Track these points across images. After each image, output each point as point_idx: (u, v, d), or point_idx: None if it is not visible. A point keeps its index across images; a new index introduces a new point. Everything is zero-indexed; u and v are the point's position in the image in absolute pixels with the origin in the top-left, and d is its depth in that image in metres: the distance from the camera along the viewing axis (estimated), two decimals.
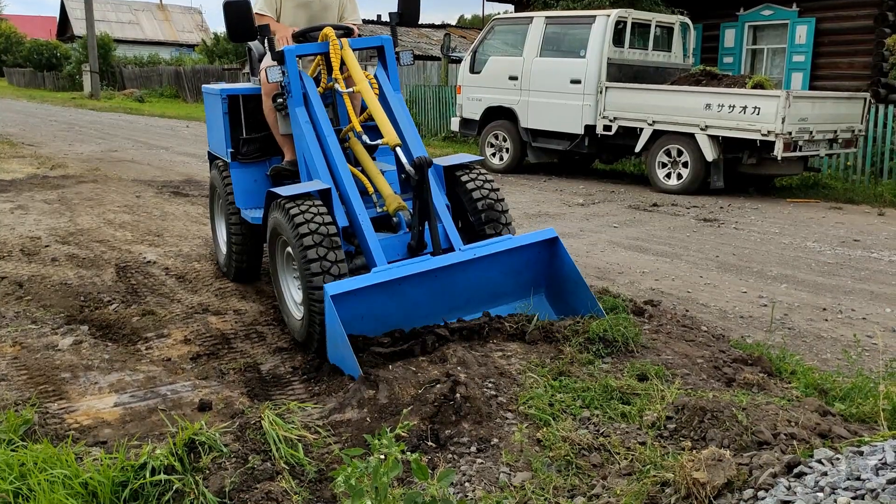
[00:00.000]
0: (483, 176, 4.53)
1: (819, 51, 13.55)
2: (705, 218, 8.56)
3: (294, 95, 4.43)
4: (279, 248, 4.35)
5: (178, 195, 9.77)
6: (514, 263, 4.16)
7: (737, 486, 2.21)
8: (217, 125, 5.31)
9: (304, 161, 4.49)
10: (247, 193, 5.16)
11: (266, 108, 4.89)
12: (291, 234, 3.90)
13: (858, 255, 6.85)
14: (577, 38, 11.29)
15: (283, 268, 4.44)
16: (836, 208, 9.47)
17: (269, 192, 4.21)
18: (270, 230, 4.30)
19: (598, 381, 3.34)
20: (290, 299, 4.42)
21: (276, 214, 4.13)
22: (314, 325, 3.93)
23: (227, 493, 2.63)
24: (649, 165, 10.82)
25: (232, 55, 36.17)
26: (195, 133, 18.82)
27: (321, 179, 4.25)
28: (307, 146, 4.37)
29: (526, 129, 11.89)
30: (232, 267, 5.53)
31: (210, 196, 5.99)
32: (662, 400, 3.05)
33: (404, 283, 3.80)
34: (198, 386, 3.91)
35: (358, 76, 4.33)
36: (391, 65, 4.67)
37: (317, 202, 4.00)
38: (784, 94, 9.36)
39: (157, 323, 4.86)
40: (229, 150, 5.14)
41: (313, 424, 3.22)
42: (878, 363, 3.88)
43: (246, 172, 5.18)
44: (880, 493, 1.75)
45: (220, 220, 5.80)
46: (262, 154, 5.20)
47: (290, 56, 4.39)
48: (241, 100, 5.14)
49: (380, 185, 4.40)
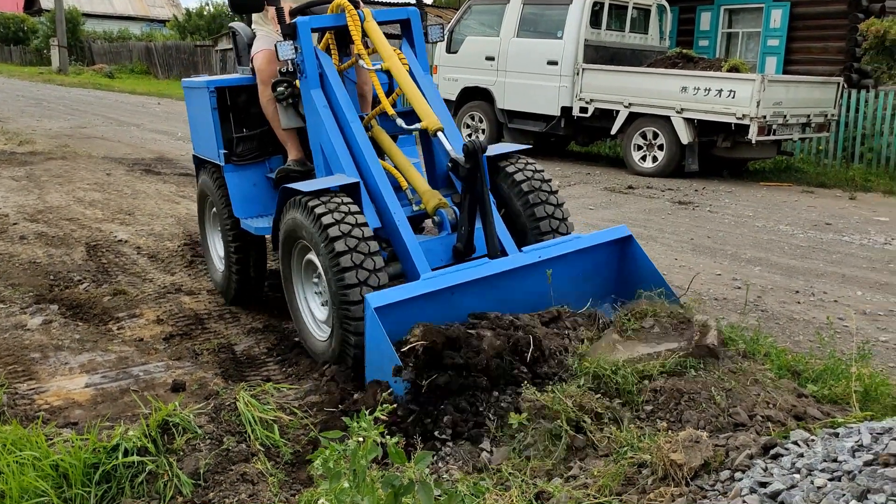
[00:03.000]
0: (531, 166, 3.95)
1: (793, 35, 13.63)
2: (680, 201, 8.61)
3: (309, 76, 3.80)
4: (296, 255, 3.73)
5: (149, 173, 9.61)
6: (584, 267, 3.58)
7: (713, 468, 2.22)
8: (204, 124, 4.53)
9: (323, 153, 3.84)
10: (246, 200, 4.41)
11: (264, 98, 4.22)
12: (319, 237, 3.29)
13: (830, 238, 6.94)
14: (554, 19, 11.23)
15: (300, 279, 3.80)
16: (808, 192, 9.58)
17: (285, 189, 3.61)
18: (285, 234, 3.64)
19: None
20: (308, 317, 3.79)
21: (294, 215, 3.49)
22: (347, 345, 3.29)
23: (202, 474, 2.59)
24: (625, 148, 10.84)
25: (204, 31, 35.50)
26: (167, 110, 18.50)
27: (346, 173, 3.65)
28: (326, 135, 3.74)
29: (502, 110, 11.84)
30: (232, 287, 4.68)
31: (199, 206, 5.13)
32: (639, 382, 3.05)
33: (457, 292, 3.20)
34: (171, 366, 3.85)
35: (386, 51, 3.74)
36: (419, 41, 4.06)
37: (346, 199, 3.41)
38: (759, 77, 9.41)
39: (129, 303, 4.78)
40: (222, 152, 4.39)
41: (289, 406, 3.19)
42: (851, 345, 3.93)
43: (243, 176, 4.43)
44: (857, 475, 1.77)
45: (215, 233, 4.99)
46: (259, 154, 4.50)
47: (305, 29, 3.76)
48: (232, 92, 4.44)
49: (414, 179, 3.83)
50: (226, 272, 4.73)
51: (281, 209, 3.69)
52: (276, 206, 3.73)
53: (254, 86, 4.31)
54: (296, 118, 4.19)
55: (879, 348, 4.20)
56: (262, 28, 4.38)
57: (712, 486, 2.11)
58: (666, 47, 12.15)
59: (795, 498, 1.78)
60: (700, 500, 2.07)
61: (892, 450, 1.78)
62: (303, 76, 3.85)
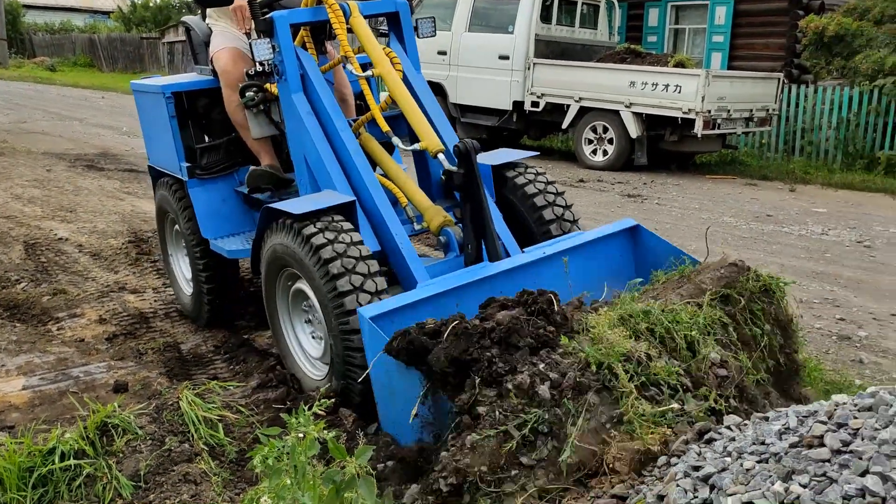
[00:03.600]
0: (542, 176, 3.65)
1: (737, 32, 13.94)
2: (629, 194, 8.76)
3: (290, 78, 3.34)
4: (281, 283, 3.31)
5: (92, 169, 9.37)
6: (593, 259, 3.30)
7: (653, 455, 2.27)
8: (160, 132, 4.06)
9: (308, 166, 3.40)
10: (215, 219, 3.97)
11: (231, 105, 3.76)
12: (314, 267, 2.90)
13: (771, 229, 7.14)
14: (505, 14, 11.29)
15: (289, 311, 3.37)
16: (751, 184, 9.83)
17: (268, 210, 3.17)
18: (270, 260, 3.22)
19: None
20: (298, 354, 3.38)
21: (280, 239, 3.09)
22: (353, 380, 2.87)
23: (143, 476, 2.55)
24: (576, 142, 10.97)
25: (150, 23, 34.70)
26: (111, 104, 18.05)
27: (336, 189, 3.22)
28: (312, 146, 3.31)
29: (455, 104, 11.86)
30: (204, 311, 4.26)
31: (159, 223, 4.65)
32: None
33: (458, 296, 2.89)
34: (113, 367, 3.78)
35: (377, 54, 3.34)
36: (409, 37, 3.68)
37: (343, 222, 3.02)
38: (704, 73, 9.62)
39: (70, 302, 4.67)
40: (184, 165, 3.94)
41: (235, 404, 3.16)
42: None
43: (210, 191, 3.97)
44: (783, 457, 1.83)
45: (179, 253, 4.55)
46: (227, 165, 4.04)
47: (283, 25, 3.31)
48: (191, 97, 4.00)
49: (413, 194, 3.38)
50: (195, 296, 4.29)
51: (262, 231, 3.25)
52: (258, 228, 3.28)
53: (217, 89, 3.87)
54: (268, 126, 3.80)
55: (814, 335, 4.35)
56: (218, 23, 3.96)
57: (650, 472, 2.17)
58: (615, 43, 12.33)
59: (725, 480, 1.84)
60: (638, 485, 2.11)
61: (816, 432, 1.85)
62: (282, 79, 3.38)
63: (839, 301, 4.99)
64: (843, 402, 2.02)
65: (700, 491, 1.91)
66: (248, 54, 3.66)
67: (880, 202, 8.78)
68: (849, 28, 11.12)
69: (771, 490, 1.74)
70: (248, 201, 4.02)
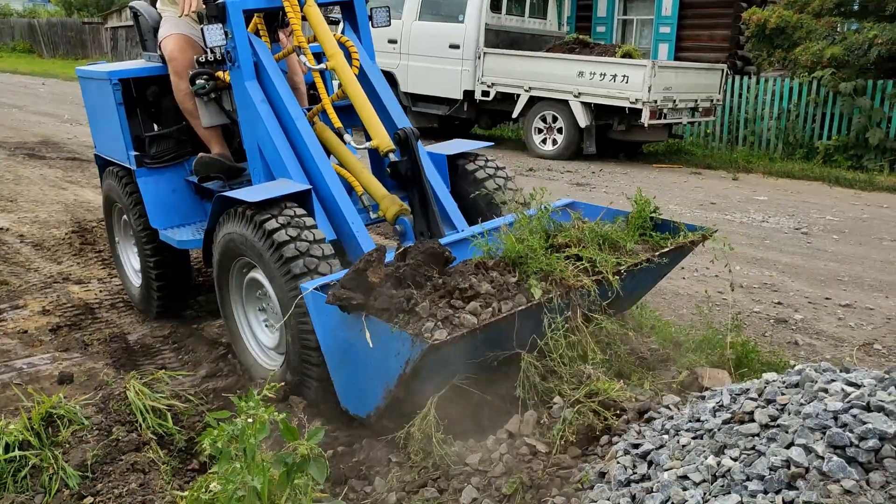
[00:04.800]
0: (492, 162, 3.76)
1: (683, 23, 14.22)
2: (578, 182, 8.89)
3: (243, 65, 3.31)
4: (235, 273, 3.31)
5: (33, 157, 9.10)
6: None
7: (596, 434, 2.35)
8: (107, 120, 4.01)
9: (261, 154, 3.39)
10: (165, 208, 3.91)
11: (180, 93, 3.72)
12: (265, 249, 2.90)
13: (714, 217, 7.34)
14: (455, 3, 11.30)
15: (242, 300, 3.37)
16: (696, 173, 10.07)
17: (221, 198, 3.15)
18: (223, 249, 3.20)
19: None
20: (251, 342, 3.38)
21: (234, 228, 3.07)
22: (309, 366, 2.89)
23: (90, 466, 2.54)
24: (526, 131, 11.07)
25: (93, 8, 33.65)
26: (52, 91, 17.51)
27: (292, 178, 3.22)
28: (266, 134, 3.29)
29: (406, 93, 11.85)
30: (153, 303, 4.21)
31: (106, 213, 4.58)
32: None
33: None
34: (58, 358, 3.72)
35: (331, 46, 3.33)
36: (363, 26, 3.69)
37: (298, 210, 3.02)
38: (650, 63, 9.79)
39: (12, 294, 4.56)
40: (132, 154, 3.89)
41: (184, 393, 3.15)
42: (727, 316, 4.20)
43: (159, 181, 3.92)
44: (716, 433, 1.92)
45: (127, 244, 4.51)
46: (177, 154, 3.99)
47: (236, 11, 3.27)
48: (140, 84, 3.93)
49: (368, 183, 3.40)
50: (144, 288, 4.24)
51: (215, 221, 3.24)
52: (210, 217, 3.26)
53: (166, 76, 3.81)
54: (219, 115, 3.79)
55: (753, 318, 4.51)
56: (167, 9, 3.90)
57: (592, 451, 2.25)
58: (564, 33, 12.46)
59: (662, 456, 1.92)
60: (581, 464, 2.19)
61: (747, 408, 1.95)
62: (234, 66, 3.34)
63: (777, 286, 5.18)
64: (772, 380, 2.13)
65: (639, 467, 1.99)
66: (199, 41, 3.62)
67: (818, 190, 9.10)
68: (789, 20, 11.43)
69: (704, 464, 1.83)
70: (198, 191, 3.97)
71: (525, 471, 2.29)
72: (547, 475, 2.23)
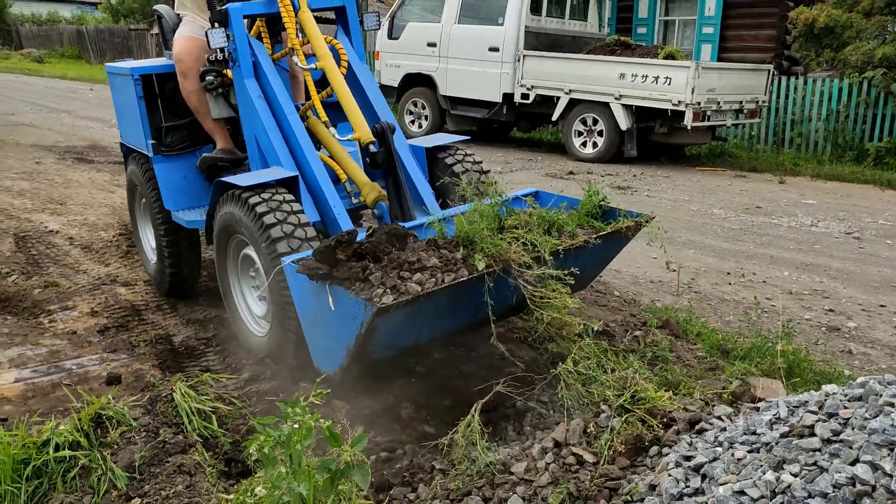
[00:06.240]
0: (466, 154, 4.05)
1: (727, 23, 13.96)
2: (619, 186, 8.78)
3: (242, 65, 3.69)
4: (232, 249, 3.68)
5: (82, 161, 9.31)
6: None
7: (644, 445, 2.30)
8: (130, 112, 4.40)
9: (258, 145, 3.76)
10: (177, 192, 4.30)
11: (186, 90, 4.06)
12: (258, 233, 3.23)
13: (760, 221, 7.18)
14: (494, 5, 11.27)
15: (238, 274, 3.73)
16: (741, 176, 9.87)
17: (220, 183, 3.52)
18: (220, 228, 3.59)
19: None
20: (245, 312, 3.74)
21: (231, 209, 3.43)
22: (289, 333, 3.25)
23: (137, 467, 2.56)
24: (566, 134, 10.98)
25: (138, 14, 34.39)
26: (100, 96, 17.91)
27: (283, 166, 3.58)
28: (262, 127, 3.65)
29: (445, 96, 11.84)
30: (166, 280, 4.58)
31: (129, 196, 5.03)
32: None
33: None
34: (106, 359, 3.77)
35: (321, 49, 3.67)
36: (354, 29, 4.03)
37: (285, 194, 3.35)
38: (693, 65, 9.63)
39: (61, 295, 4.65)
40: (150, 143, 4.27)
41: (228, 395, 3.17)
42: (777, 324, 4.09)
43: (173, 167, 4.31)
44: (774, 447, 1.86)
45: (146, 224, 4.91)
46: (190, 143, 4.36)
47: (237, 16, 3.63)
48: (160, 79, 4.27)
49: (352, 171, 3.76)
50: (158, 264, 4.61)
51: (216, 202, 3.59)
52: (210, 199, 3.63)
53: None
54: (226, 108, 4.08)
55: (804, 326, 4.39)
56: (186, 13, 4.19)
57: (641, 462, 2.19)
58: (605, 34, 12.33)
59: (717, 470, 1.86)
60: (630, 475, 2.14)
61: (807, 422, 1.88)
62: (235, 65, 3.71)
63: (828, 292, 5.03)
64: (833, 392, 2.05)
65: (692, 480, 1.93)
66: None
67: (869, 194, 8.85)
68: (838, 19, 11.14)
69: (762, 479, 1.76)
70: (208, 178, 4.31)
71: (572, 481, 2.24)
72: (595, 486, 2.18)
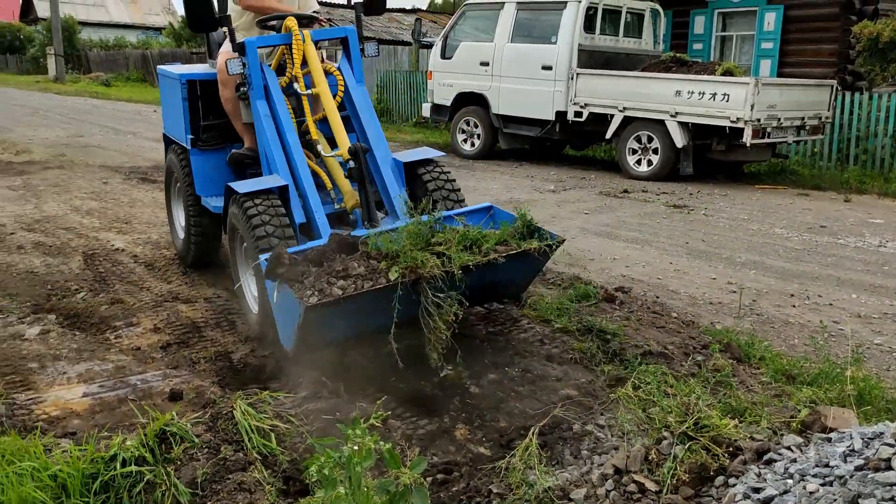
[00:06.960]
0: (441, 170, 4.55)
1: (787, 38, 13.69)
2: (675, 204, 8.64)
3: (255, 88, 4.41)
4: (238, 242, 4.33)
5: (146, 181, 9.61)
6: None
7: (709, 475, 2.24)
8: (175, 110, 5.18)
9: (265, 154, 4.46)
10: (207, 181, 5.06)
11: (223, 97, 4.80)
12: (246, 230, 3.91)
13: (825, 241, 6.97)
14: (548, 24, 11.28)
15: (242, 262, 4.39)
16: (803, 195, 9.61)
17: (227, 187, 4.21)
18: (230, 225, 4.30)
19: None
20: (248, 293, 4.40)
21: (233, 210, 4.15)
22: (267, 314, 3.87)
23: (200, 483, 2.60)
24: (620, 152, 10.87)
25: (200, 39, 35.48)
26: None
27: (280, 174, 4.24)
28: (267, 140, 4.36)
29: (497, 115, 11.87)
30: (191, 253, 5.47)
31: (166, 180, 5.88)
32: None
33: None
34: (168, 375, 3.86)
35: (318, 76, 4.36)
36: (355, 57, 4.68)
37: (274, 200, 4.01)
38: (753, 81, 9.45)
39: (126, 311, 4.78)
40: (189, 137, 5.03)
41: (285, 414, 3.20)
42: (845, 349, 3.95)
43: (206, 159, 5.07)
44: (848, 480, 1.78)
45: (178, 205, 5.70)
46: (222, 140, 5.08)
47: (252, 48, 4.36)
48: (202, 85, 5.02)
49: (339, 180, 4.39)
50: (186, 240, 5.46)
51: (227, 201, 4.26)
52: (223, 198, 4.30)
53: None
54: None
55: (874, 351, 4.23)
56: (238, 32, 4.72)
57: (706, 492, 2.13)
58: (660, 51, 12.21)
59: (788, 503, 1.80)
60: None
61: (883, 454, 1.80)
62: (250, 88, 4.42)
63: None
64: None
65: None
66: None
67: None
68: None
69: None
70: (234, 171, 4.95)
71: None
72: None
